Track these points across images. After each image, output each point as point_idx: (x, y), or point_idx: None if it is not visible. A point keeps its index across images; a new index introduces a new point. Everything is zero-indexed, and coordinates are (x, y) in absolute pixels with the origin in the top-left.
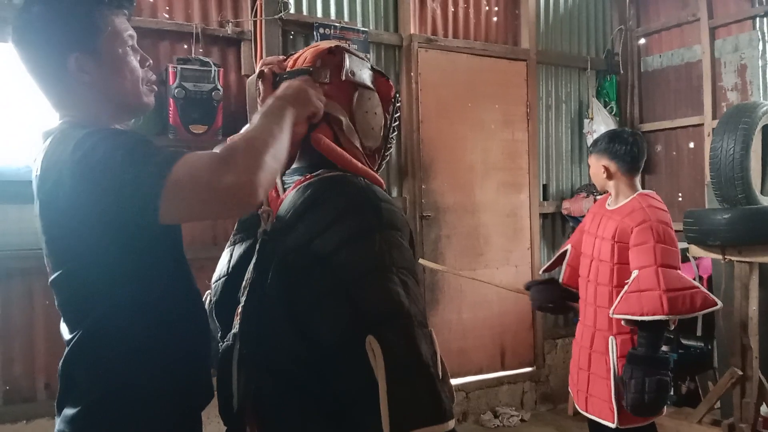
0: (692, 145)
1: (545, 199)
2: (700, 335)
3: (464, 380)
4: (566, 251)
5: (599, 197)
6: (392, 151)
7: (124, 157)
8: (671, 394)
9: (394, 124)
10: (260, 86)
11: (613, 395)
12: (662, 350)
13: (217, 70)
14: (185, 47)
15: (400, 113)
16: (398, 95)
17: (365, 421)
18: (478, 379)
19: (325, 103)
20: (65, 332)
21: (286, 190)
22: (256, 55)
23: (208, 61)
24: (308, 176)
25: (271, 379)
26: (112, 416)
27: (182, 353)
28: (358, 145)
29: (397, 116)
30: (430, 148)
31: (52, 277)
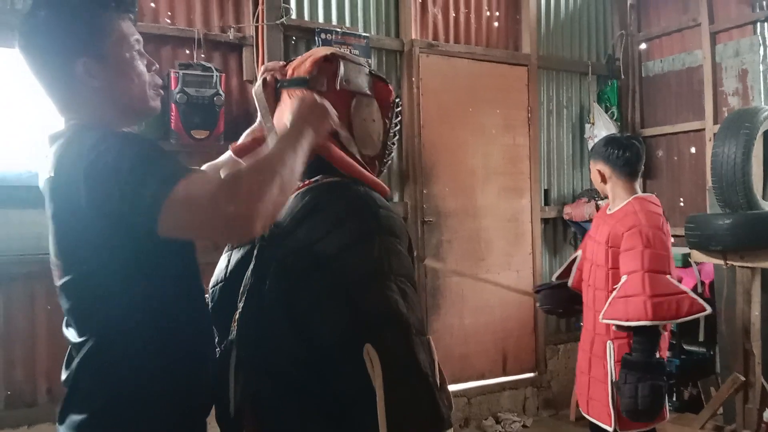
0: (693, 150)
1: (546, 204)
2: (702, 341)
3: (466, 386)
4: (577, 256)
5: (601, 202)
6: (393, 156)
7: (132, 166)
8: (674, 399)
9: (394, 129)
10: (265, 92)
11: (610, 399)
12: (658, 356)
13: (218, 75)
14: (187, 52)
15: (401, 118)
16: (399, 100)
17: (364, 422)
18: (479, 384)
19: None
20: (72, 336)
21: None
22: (257, 60)
23: (210, 66)
24: (307, 182)
25: (270, 381)
26: (119, 421)
27: (190, 356)
28: (356, 154)
29: (397, 121)
30: (431, 152)
31: (61, 281)
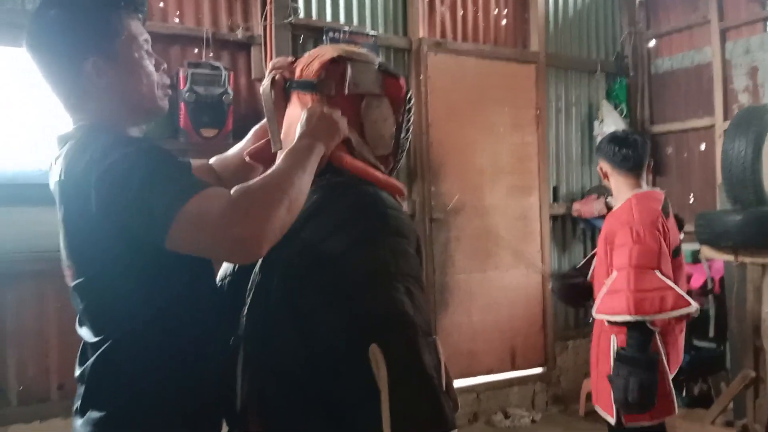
0: (703, 147)
1: (555, 201)
2: (712, 336)
3: (475, 381)
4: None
5: (610, 199)
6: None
7: (142, 180)
8: (683, 395)
9: (407, 126)
10: (273, 93)
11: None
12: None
13: (227, 74)
14: (196, 51)
15: (413, 113)
16: (410, 95)
17: (368, 423)
18: (488, 380)
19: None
20: (87, 335)
21: None
22: (266, 59)
23: (218, 65)
24: (314, 180)
25: (275, 379)
26: (138, 419)
27: (204, 354)
28: (370, 157)
29: (410, 117)
30: (439, 151)
31: (74, 282)
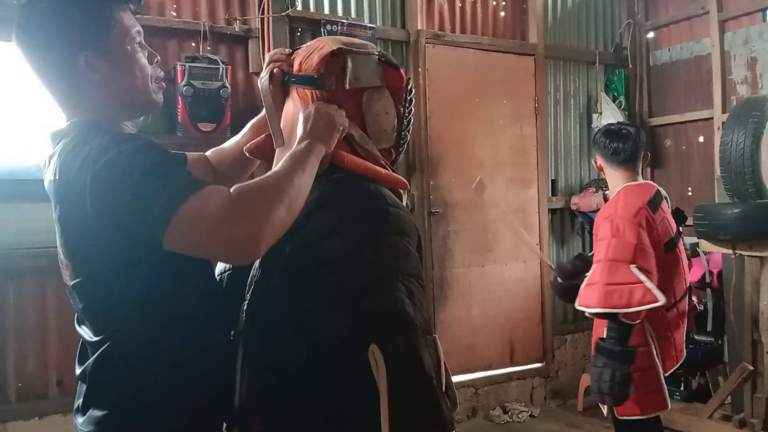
0: (702, 139)
1: (554, 194)
2: (710, 330)
3: (473, 376)
4: None
5: (608, 192)
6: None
7: (140, 178)
8: (682, 389)
9: (408, 117)
10: (272, 88)
11: None
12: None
13: (225, 67)
14: (193, 45)
15: (413, 103)
16: (411, 85)
17: (366, 423)
18: (487, 375)
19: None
20: (87, 334)
21: None
22: (263, 52)
23: (216, 59)
24: (315, 177)
25: (274, 378)
26: (140, 418)
27: (206, 352)
28: (373, 151)
29: (411, 108)
30: (438, 144)
31: (72, 282)
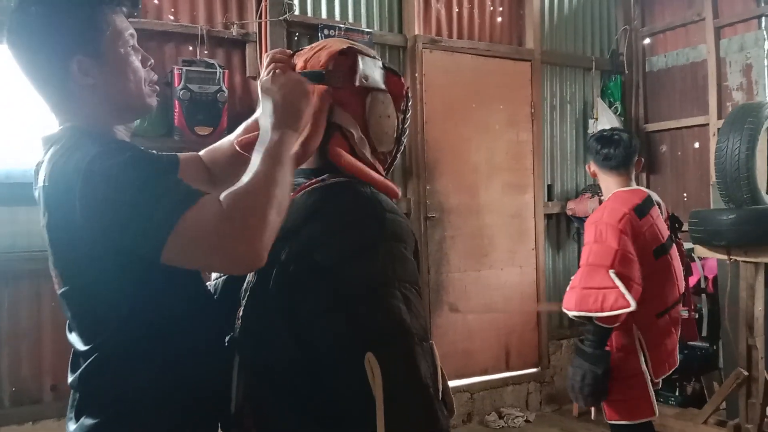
0: (697, 145)
1: (550, 199)
2: (705, 335)
3: (469, 381)
4: None
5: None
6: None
7: (135, 193)
8: (676, 394)
9: (406, 124)
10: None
11: None
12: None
13: (222, 71)
14: (190, 49)
15: (410, 111)
16: (409, 92)
17: (362, 431)
18: (482, 379)
19: (325, 103)
20: (77, 342)
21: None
22: (260, 56)
23: (213, 62)
24: (313, 180)
25: (269, 383)
26: (132, 427)
27: (197, 359)
28: (369, 154)
29: (408, 115)
30: (434, 148)
31: (61, 290)
